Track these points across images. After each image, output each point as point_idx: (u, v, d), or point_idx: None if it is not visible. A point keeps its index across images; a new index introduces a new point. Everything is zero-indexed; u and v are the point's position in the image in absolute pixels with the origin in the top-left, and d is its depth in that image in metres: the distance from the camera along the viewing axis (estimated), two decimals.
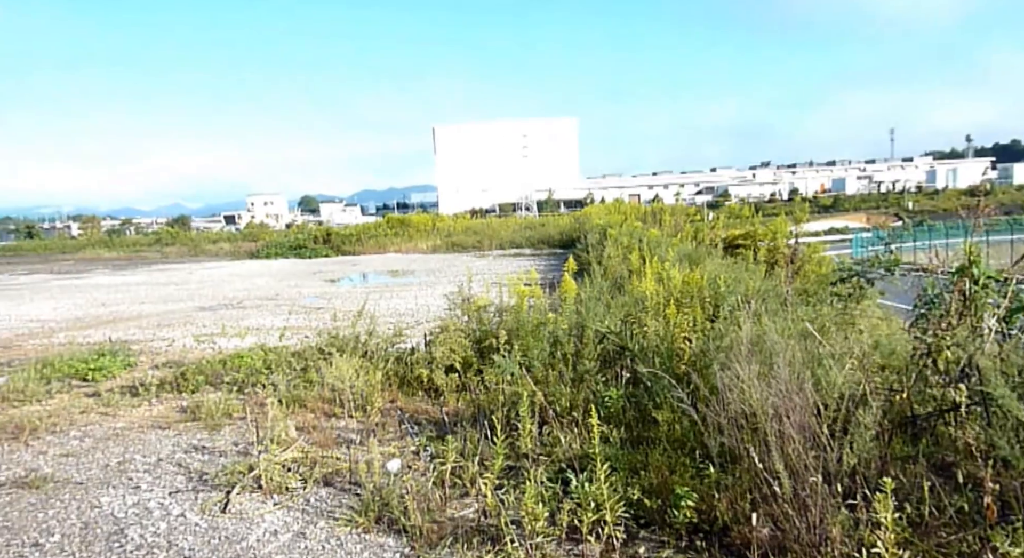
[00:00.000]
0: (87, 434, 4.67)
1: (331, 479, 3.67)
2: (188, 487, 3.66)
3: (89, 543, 3.02)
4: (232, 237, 47.76)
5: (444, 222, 38.93)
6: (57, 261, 37.20)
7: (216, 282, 18.23)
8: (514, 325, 5.16)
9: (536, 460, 3.51)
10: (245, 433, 4.55)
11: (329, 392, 5.14)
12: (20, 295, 16.13)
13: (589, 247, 14.50)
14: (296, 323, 9.58)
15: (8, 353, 7.93)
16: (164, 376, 6.05)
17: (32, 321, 11.05)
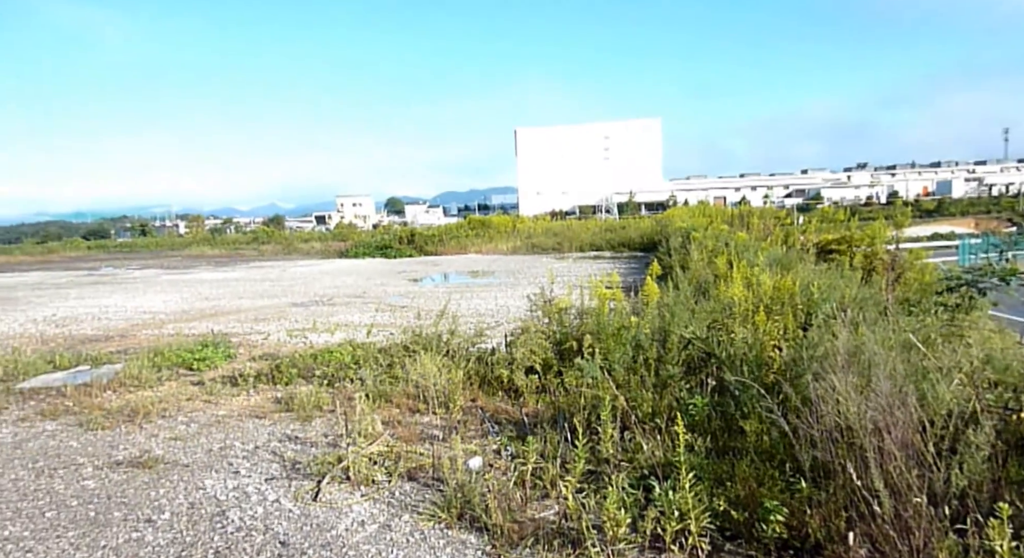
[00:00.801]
0: (192, 420, 4.99)
1: (415, 474, 3.77)
2: (282, 475, 3.85)
3: (195, 522, 3.24)
4: (323, 237, 49.85)
5: (524, 224, 39.12)
6: (166, 257, 40.05)
7: (308, 279, 19.07)
8: (595, 328, 5.13)
9: (617, 465, 3.48)
10: (334, 425, 4.74)
11: (413, 389, 5.28)
12: (135, 288, 17.46)
13: (672, 250, 14.20)
14: (382, 320, 9.89)
15: (125, 342, 8.60)
16: (260, 368, 6.39)
17: (145, 313, 11.93)
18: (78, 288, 18.14)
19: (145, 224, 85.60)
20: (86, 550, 2.99)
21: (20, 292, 17.28)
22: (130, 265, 31.68)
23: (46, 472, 3.99)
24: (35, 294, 16.62)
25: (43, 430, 4.83)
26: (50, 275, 25.24)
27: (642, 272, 16.38)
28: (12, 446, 4.49)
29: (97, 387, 5.91)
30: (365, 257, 33.22)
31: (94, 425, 4.86)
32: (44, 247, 51.68)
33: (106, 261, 37.20)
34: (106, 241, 59.73)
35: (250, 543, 3.00)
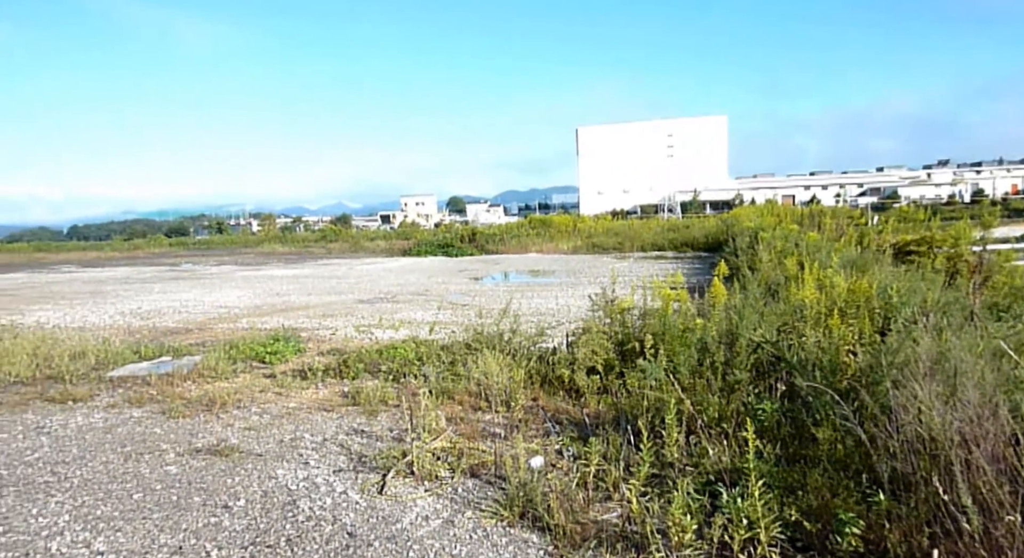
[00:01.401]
0: (265, 411, 5.20)
1: (477, 471, 3.81)
2: (349, 467, 3.96)
3: (268, 510, 3.37)
4: (387, 235, 50.95)
5: (585, 223, 38.88)
6: (241, 254, 41.78)
7: (373, 277, 19.52)
8: (659, 329, 5.05)
9: (682, 470, 3.42)
10: (399, 420, 4.84)
11: (475, 386, 5.33)
12: (212, 284, 18.29)
13: (738, 251, 13.83)
14: (444, 318, 10.02)
15: (202, 335, 9.02)
16: (328, 362, 6.59)
17: (221, 307, 12.49)
18: (161, 283, 19.15)
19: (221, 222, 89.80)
20: (169, 532, 3.15)
21: (110, 286, 18.38)
22: (207, 261, 33.22)
23: (133, 456, 4.23)
24: (123, 288, 17.65)
25: (130, 416, 5.12)
26: (136, 270, 26.75)
27: (706, 273, 16.02)
28: (103, 431, 4.78)
29: (178, 377, 6.22)
30: (427, 255, 33.74)
31: (175, 413, 5.12)
32: (131, 244, 54.84)
33: (186, 257, 39.14)
34: (186, 238, 62.89)
35: (319, 533, 3.10)
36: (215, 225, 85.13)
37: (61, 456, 4.28)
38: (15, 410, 5.36)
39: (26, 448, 4.44)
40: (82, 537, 3.12)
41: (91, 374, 6.50)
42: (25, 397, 5.74)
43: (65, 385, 6.06)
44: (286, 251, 43.73)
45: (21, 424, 4.98)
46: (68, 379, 6.25)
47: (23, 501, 3.56)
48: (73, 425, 4.93)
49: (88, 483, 3.80)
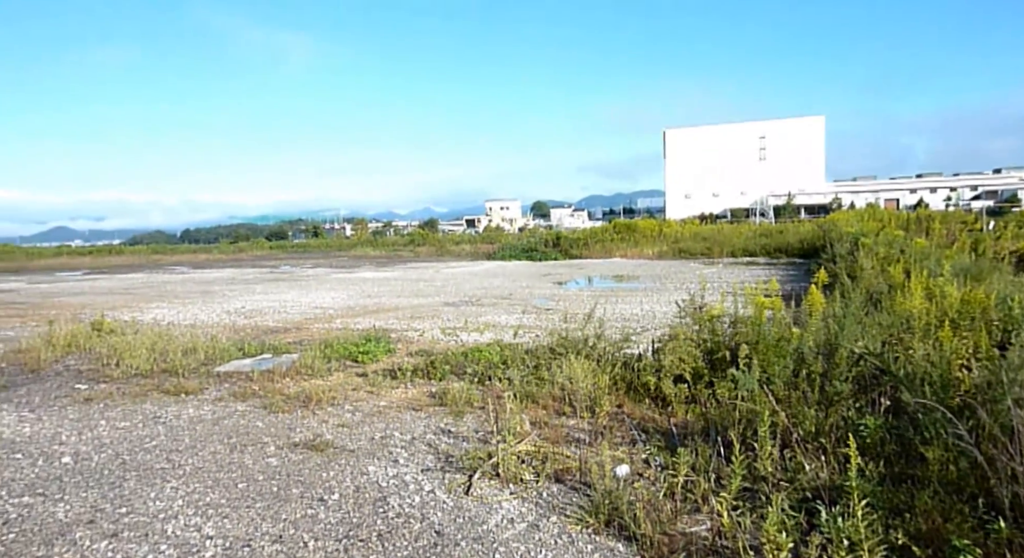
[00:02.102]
0: (357, 409, 5.40)
1: (561, 476, 3.80)
2: (436, 466, 4.06)
3: (360, 505, 3.50)
4: (472, 239, 51.79)
5: (671, 228, 38.07)
6: (335, 257, 43.64)
7: (458, 280, 19.90)
8: (752, 338, 4.87)
9: (776, 485, 3.28)
10: (484, 422, 4.91)
11: (559, 391, 5.33)
12: (308, 285, 19.20)
13: (837, 257, 13.15)
14: (528, 322, 10.08)
15: (300, 334, 9.48)
16: (417, 363, 6.77)
17: (317, 308, 13.09)
18: (262, 284, 20.29)
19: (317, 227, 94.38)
20: (271, 521, 3.33)
21: (217, 286, 19.66)
22: (304, 264, 34.89)
23: (238, 448, 4.50)
24: (228, 288, 18.84)
25: (235, 410, 5.46)
26: (240, 272, 28.48)
27: (802, 280, 15.32)
28: (211, 422, 5.12)
29: (278, 374, 6.57)
30: (511, 260, 34.02)
31: (275, 408, 5.41)
32: (235, 246, 58.47)
33: (284, 260, 41.29)
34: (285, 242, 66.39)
35: (408, 530, 3.19)
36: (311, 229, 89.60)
37: (175, 445, 4.61)
38: (136, 400, 5.83)
39: (145, 436, 4.82)
40: (194, 521, 3.35)
41: (201, 369, 6.97)
42: (144, 388, 6.23)
43: (178, 379, 6.53)
44: (377, 254, 45.28)
45: (141, 414, 5.41)
46: (181, 373, 6.74)
47: (143, 485, 3.87)
48: (185, 416, 5.31)
49: (198, 471, 4.08)
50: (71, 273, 32.12)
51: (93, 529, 3.30)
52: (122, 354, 7.34)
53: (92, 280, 25.10)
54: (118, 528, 3.30)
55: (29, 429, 5.06)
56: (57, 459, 4.36)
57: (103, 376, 6.81)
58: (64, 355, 7.98)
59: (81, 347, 8.25)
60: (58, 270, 35.82)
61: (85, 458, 4.36)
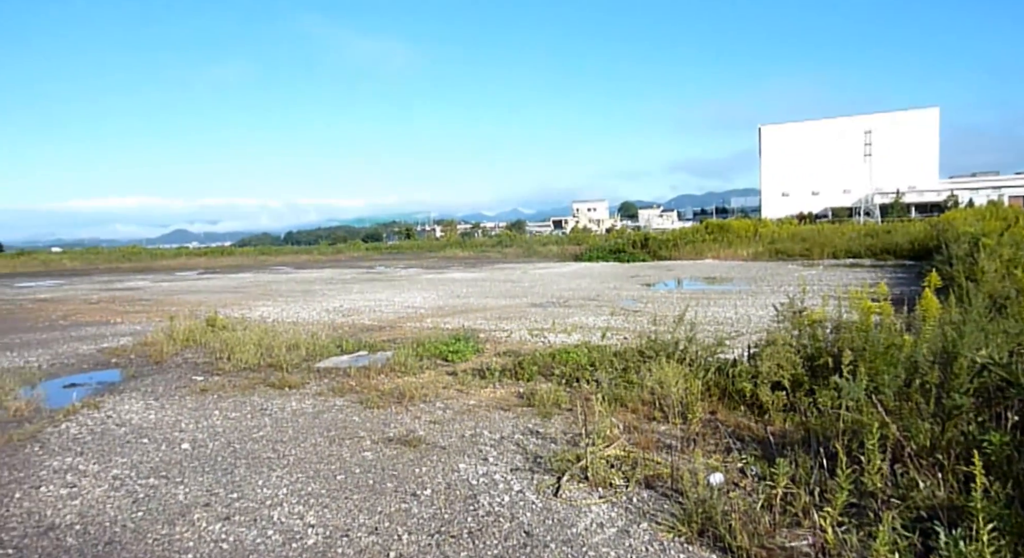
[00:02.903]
0: (448, 407, 5.52)
1: (652, 482, 3.74)
2: (525, 466, 4.08)
3: (451, 502, 3.58)
4: (559, 240, 51.79)
5: (767, 228, 36.52)
6: (425, 258, 44.84)
7: (545, 281, 19.94)
8: (859, 344, 4.60)
9: (886, 502, 3.08)
10: (572, 424, 4.89)
11: (648, 395, 5.24)
12: (401, 285, 19.83)
13: (953, 259, 12.19)
14: (616, 324, 9.96)
15: (393, 332, 9.80)
16: (505, 363, 6.84)
17: (409, 307, 13.49)
18: (359, 284, 21.13)
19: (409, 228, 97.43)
20: (367, 513, 3.46)
21: (317, 286, 20.65)
22: (397, 265, 36.06)
23: (336, 441, 4.71)
24: (327, 287, 19.75)
25: (334, 404, 5.71)
26: (338, 272, 29.79)
27: (912, 283, 14.33)
28: (312, 416, 5.39)
29: (373, 371, 6.82)
30: (598, 261, 33.74)
31: (371, 404, 5.62)
32: (334, 248, 61.27)
33: (379, 261, 42.81)
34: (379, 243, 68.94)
35: (498, 528, 3.23)
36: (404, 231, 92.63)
37: (279, 435, 4.88)
38: (245, 392, 6.22)
39: (253, 426, 5.13)
40: (297, 510, 3.54)
41: (303, 364, 7.35)
42: (252, 381, 6.63)
43: (282, 373, 6.91)
44: (465, 255, 46.14)
45: (249, 405, 5.77)
46: (285, 368, 7.13)
47: (252, 473, 4.12)
48: (289, 409, 5.61)
49: (301, 462, 4.30)
50: (188, 272, 34.69)
51: (208, 511, 3.55)
52: (233, 349, 7.86)
53: (207, 279, 26.99)
54: (230, 512, 3.53)
55: (154, 416, 5.50)
56: (177, 445, 4.72)
57: (216, 369, 7.31)
58: (183, 348, 8.63)
59: (197, 341, 8.90)
60: (177, 270, 38.78)
61: (201, 445, 4.70)
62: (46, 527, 3.41)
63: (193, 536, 3.26)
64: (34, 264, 47.43)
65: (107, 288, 22.67)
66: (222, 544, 3.16)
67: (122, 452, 4.59)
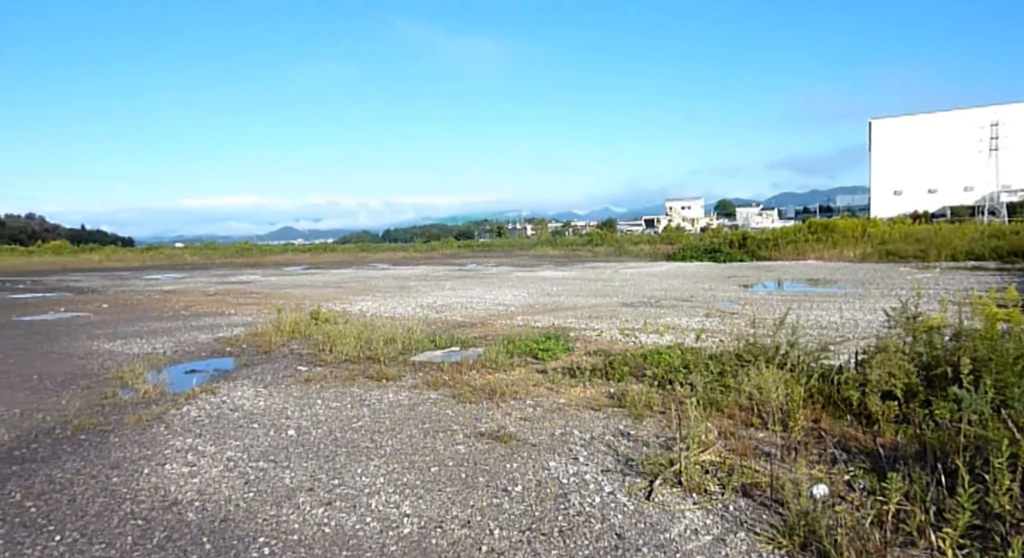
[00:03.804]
0: (538, 404, 5.55)
1: (750, 490, 3.60)
2: (616, 468, 4.04)
3: (542, 500, 3.59)
4: (651, 240, 50.86)
5: (877, 228, 34.30)
6: (516, 256, 45.26)
7: (636, 281, 19.63)
8: (983, 354, 4.24)
9: (1016, 526, 2.82)
10: (664, 427, 4.80)
11: (746, 400, 5.05)
12: (492, 283, 20.12)
13: None
14: (711, 326, 9.67)
15: (484, 329, 9.96)
16: (595, 363, 6.79)
17: (500, 304, 13.66)
18: (451, 281, 21.63)
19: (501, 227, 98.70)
20: (460, 506, 3.54)
21: (412, 282, 21.32)
22: (488, 262, 36.60)
23: (430, 433, 4.85)
24: (422, 284, 20.34)
25: (428, 398, 5.87)
26: (432, 269, 30.61)
27: None
28: (407, 408, 5.56)
29: (465, 366, 6.96)
30: (692, 260, 32.87)
31: (463, 399, 5.74)
32: (428, 245, 63.04)
33: (470, 258, 43.62)
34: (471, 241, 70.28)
35: (589, 529, 3.22)
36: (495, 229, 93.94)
37: (377, 426, 5.08)
38: (345, 383, 6.51)
39: (353, 416, 5.37)
40: (393, 499, 3.67)
41: (399, 358, 7.61)
42: (352, 373, 6.94)
43: (380, 366, 7.17)
44: (556, 254, 46.18)
45: (349, 396, 6.03)
46: (382, 361, 7.40)
47: (351, 461, 4.31)
48: (386, 401, 5.82)
49: (397, 452, 4.45)
50: (294, 268, 36.72)
51: (312, 496, 3.74)
52: (334, 341, 8.25)
53: (310, 275, 28.45)
54: (332, 497, 3.71)
55: (263, 403, 5.87)
56: (284, 431, 5.01)
57: (319, 360, 7.69)
58: (289, 339, 9.14)
59: (302, 333, 9.40)
60: (284, 265, 41.12)
61: (305, 432, 4.97)
62: (170, 502, 3.71)
63: (298, 519, 3.45)
64: (160, 258, 51.68)
65: (222, 281, 24.37)
66: (324, 528, 3.33)
67: (235, 435, 4.93)
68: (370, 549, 3.08)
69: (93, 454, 4.57)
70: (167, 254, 55.01)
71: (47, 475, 4.17)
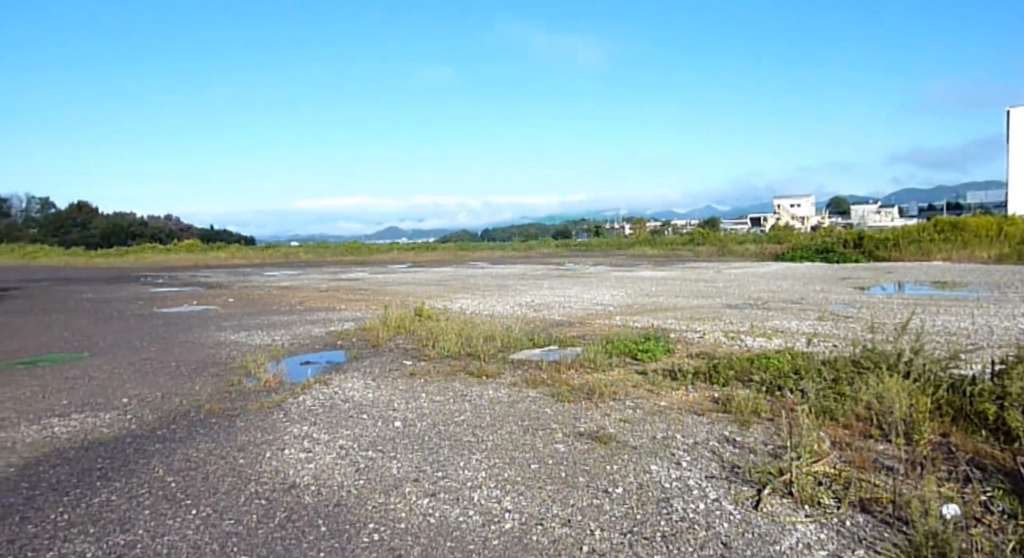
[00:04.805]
0: (638, 406, 5.47)
1: (868, 506, 3.38)
2: (721, 475, 3.91)
3: (643, 503, 3.54)
4: (757, 239, 48.78)
5: (1016, 226, 31.13)
6: (613, 255, 44.76)
7: (741, 282, 18.90)
8: None
9: None
10: (773, 435, 4.60)
11: (864, 410, 4.75)
12: (589, 282, 20.01)
13: None
14: (824, 330, 9.15)
15: (582, 329, 9.93)
16: (698, 366, 6.60)
17: (597, 304, 13.56)
18: (549, 280, 21.70)
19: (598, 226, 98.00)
20: (560, 504, 3.56)
21: (510, 281, 21.57)
22: (585, 262, 36.42)
23: (530, 430, 4.89)
24: (520, 283, 20.53)
25: (527, 395, 5.93)
26: (530, 268, 30.85)
27: None
28: (507, 405, 5.65)
29: (563, 365, 6.97)
30: (802, 261, 31.25)
31: (562, 398, 5.75)
32: (525, 244, 63.60)
33: (568, 258, 43.58)
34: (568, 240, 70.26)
35: (693, 536, 3.14)
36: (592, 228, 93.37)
37: (478, 421, 5.19)
38: (447, 379, 6.69)
39: (455, 410, 5.51)
40: (495, 493, 3.74)
41: (498, 355, 7.73)
42: (454, 368, 7.12)
43: (480, 362, 7.32)
44: (654, 254, 45.26)
45: (451, 391, 6.20)
46: (482, 357, 7.55)
47: (454, 454, 4.43)
48: (486, 397, 5.94)
49: (498, 448, 4.53)
50: (398, 266, 38.11)
51: (417, 487, 3.88)
52: (437, 337, 8.50)
53: (414, 273, 29.44)
54: (436, 489, 3.83)
55: (371, 395, 6.14)
56: (391, 422, 5.22)
57: (423, 355, 7.95)
58: (395, 335, 9.51)
59: (407, 329, 9.76)
60: (389, 263, 42.79)
61: (411, 424, 5.15)
62: (289, 485, 3.96)
63: (405, 508, 3.59)
64: (277, 256, 55.18)
65: (333, 278, 25.69)
66: (429, 518, 3.44)
67: (346, 425, 5.19)
68: (473, 542, 3.16)
69: (222, 436, 4.96)
70: (284, 252, 58.64)
71: (184, 454, 4.57)
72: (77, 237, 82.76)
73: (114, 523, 3.45)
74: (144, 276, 31.20)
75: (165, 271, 36.45)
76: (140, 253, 56.48)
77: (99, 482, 4.06)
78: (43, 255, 59.18)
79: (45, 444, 4.87)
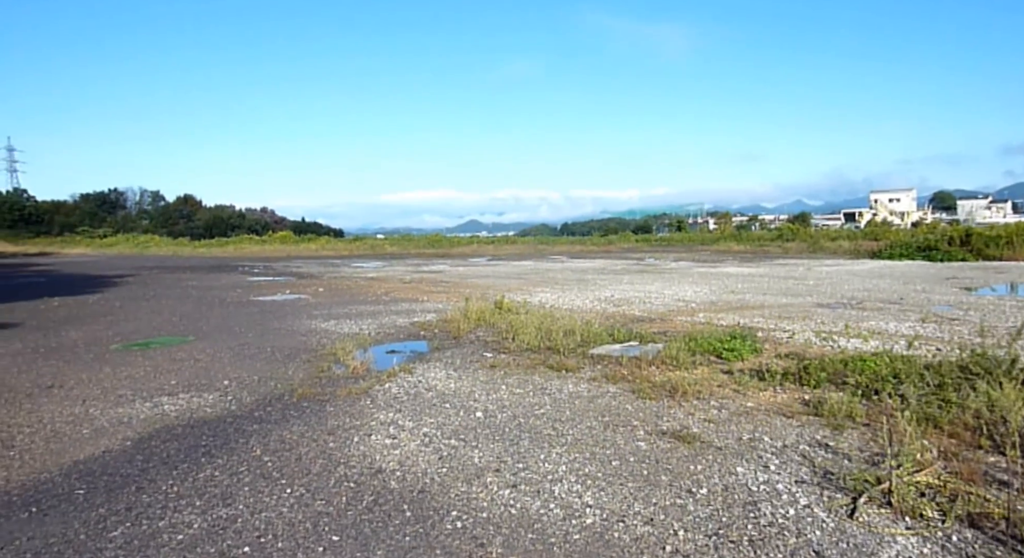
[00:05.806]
0: (723, 406, 5.32)
1: (978, 521, 3.16)
2: (812, 480, 3.76)
3: (729, 506, 3.45)
4: (851, 235, 46.33)
5: None
6: (697, 251, 43.63)
7: (834, 280, 17.99)
8: None
9: None
10: (869, 441, 4.37)
11: (972, 418, 4.44)
12: (671, 278, 19.60)
13: None
14: (926, 333, 8.59)
15: (663, 325, 9.74)
16: (787, 366, 6.35)
17: (679, 301, 13.27)
18: (629, 275, 21.41)
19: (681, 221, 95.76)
20: (642, 502, 3.52)
21: (590, 275, 21.45)
22: (667, 257, 35.68)
23: (610, 426, 4.86)
24: (600, 277, 20.38)
25: (607, 391, 5.89)
26: (609, 262, 30.54)
27: None
28: (587, 399, 5.63)
29: (644, 361, 6.87)
30: (902, 259, 29.41)
31: (643, 394, 5.67)
32: (605, 239, 62.94)
33: (648, 253, 42.84)
34: (649, 235, 69.04)
35: (782, 542, 3.03)
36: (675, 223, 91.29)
37: (558, 415, 5.20)
38: (527, 372, 6.73)
39: (535, 403, 5.54)
40: (575, 488, 3.74)
41: (577, 349, 7.71)
42: (534, 362, 7.16)
43: (559, 356, 7.32)
44: (741, 249, 43.79)
45: (531, 383, 6.24)
46: (562, 352, 7.55)
47: (534, 446, 4.46)
48: (566, 391, 5.94)
49: (578, 442, 4.53)
50: (479, 259, 38.62)
51: (499, 477, 3.94)
52: (517, 330, 8.57)
53: (493, 266, 29.75)
54: (517, 480, 3.88)
55: (453, 385, 6.27)
56: (472, 412, 5.32)
57: (503, 348, 8.04)
58: (475, 327, 9.66)
59: (487, 321, 9.88)
60: (470, 256, 43.42)
61: (491, 415, 5.23)
62: (375, 469, 4.11)
63: (487, 497, 3.65)
64: (364, 248, 57.16)
65: (416, 270, 26.35)
66: (511, 509, 3.49)
67: (430, 413, 5.32)
68: (554, 535, 3.18)
69: (314, 420, 5.20)
70: (370, 244, 60.66)
71: (279, 435, 4.83)
72: (183, 228, 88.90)
73: (217, 497, 3.69)
74: (242, 266, 33.06)
75: (260, 261, 38.48)
76: (238, 244, 60.04)
77: (204, 458, 4.35)
78: (153, 245, 64.04)
79: (156, 420, 5.27)
